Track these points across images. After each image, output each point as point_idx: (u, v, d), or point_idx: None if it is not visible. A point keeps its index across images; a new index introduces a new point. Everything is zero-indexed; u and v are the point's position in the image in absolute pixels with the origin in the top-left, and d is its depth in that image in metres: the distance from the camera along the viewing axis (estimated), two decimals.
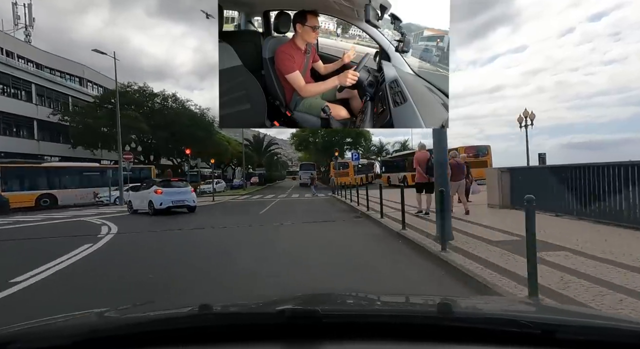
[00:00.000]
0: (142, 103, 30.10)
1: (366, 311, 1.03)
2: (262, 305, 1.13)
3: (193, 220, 11.24)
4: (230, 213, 14.25)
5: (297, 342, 0.75)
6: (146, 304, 1.58)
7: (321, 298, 1.28)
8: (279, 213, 12.99)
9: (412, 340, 0.76)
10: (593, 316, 1.18)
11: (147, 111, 30.28)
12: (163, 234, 8.73)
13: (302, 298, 1.20)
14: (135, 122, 26.09)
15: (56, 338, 0.81)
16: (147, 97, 30.51)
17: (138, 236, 8.65)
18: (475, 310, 1.11)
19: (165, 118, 30.13)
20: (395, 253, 5.60)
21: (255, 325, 0.84)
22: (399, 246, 6.06)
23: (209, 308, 0.95)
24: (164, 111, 31.09)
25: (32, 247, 7.32)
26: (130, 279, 4.36)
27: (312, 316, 0.79)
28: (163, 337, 0.80)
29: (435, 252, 4.91)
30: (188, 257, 5.79)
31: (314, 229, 8.82)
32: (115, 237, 7.98)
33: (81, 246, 6.56)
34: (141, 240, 8.03)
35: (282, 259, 5.40)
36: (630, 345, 0.74)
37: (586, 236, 5.35)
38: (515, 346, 0.73)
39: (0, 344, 0.76)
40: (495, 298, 2.78)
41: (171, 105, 31.82)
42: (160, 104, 31.68)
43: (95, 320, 1.03)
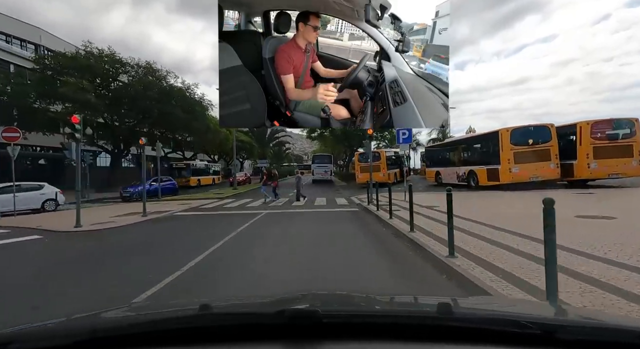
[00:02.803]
0: (98, 71, 21.13)
1: (366, 311, 1.03)
2: (263, 305, 1.12)
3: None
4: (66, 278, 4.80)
5: (297, 342, 0.75)
6: (146, 304, 1.56)
7: (321, 298, 1.28)
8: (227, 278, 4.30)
9: (412, 340, 0.76)
10: (593, 316, 1.18)
11: (104, 82, 22.28)
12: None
13: (303, 298, 1.19)
14: (80, 93, 18.62)
15: (57, 338, 0.81)
16: (105, 63, 21.48)
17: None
18: (475, 310, 1.11)
19: (127, 92, 22.16)
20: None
21: (255, 325, 0.83)
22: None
23: (209, 308, 0.95)
24: (134, 84, 22.45)
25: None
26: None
27: (312, 316, 0.79)
28: (163, 337, 0.80)
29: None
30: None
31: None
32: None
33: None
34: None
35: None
36: (631, 345, 0.74)
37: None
38: (515, 346, 0.72)
39: (1, 344, 0.76)
40: (495, 298, 2.78)
41: (147, 78, 22.93)
42: (130, 75, 23.08)
43: (95, 320, 1.03)
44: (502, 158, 14.11)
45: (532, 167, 13.80)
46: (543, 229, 2.55)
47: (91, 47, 21.33)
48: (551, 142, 13.92)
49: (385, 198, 8.48)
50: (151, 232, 8.30)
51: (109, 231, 8.29)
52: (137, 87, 22.01)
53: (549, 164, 13.83)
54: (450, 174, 18.29)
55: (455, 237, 4.35)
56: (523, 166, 13.84)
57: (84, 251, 6.27)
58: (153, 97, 21.94)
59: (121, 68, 22.36)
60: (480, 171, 15.61)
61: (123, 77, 22.84)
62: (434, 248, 4.78)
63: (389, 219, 7.61)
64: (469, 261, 4.05)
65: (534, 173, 13.89)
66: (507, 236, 5.26)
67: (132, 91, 22.11)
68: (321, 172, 29.26)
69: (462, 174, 17.20)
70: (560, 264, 3.21)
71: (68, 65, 19.85)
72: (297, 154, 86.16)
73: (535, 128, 14.30)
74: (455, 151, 18.64)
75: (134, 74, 22.82)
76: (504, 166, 14.04)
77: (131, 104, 22.40)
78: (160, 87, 23.01)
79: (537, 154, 13.92)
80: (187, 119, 24.08)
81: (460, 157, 17.99)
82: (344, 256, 4.95)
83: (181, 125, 24.67)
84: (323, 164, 30.10)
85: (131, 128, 23.86)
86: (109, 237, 7.59)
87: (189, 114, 24.25)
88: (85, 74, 20.35)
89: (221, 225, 8.60)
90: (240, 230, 7.53)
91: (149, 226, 9.25)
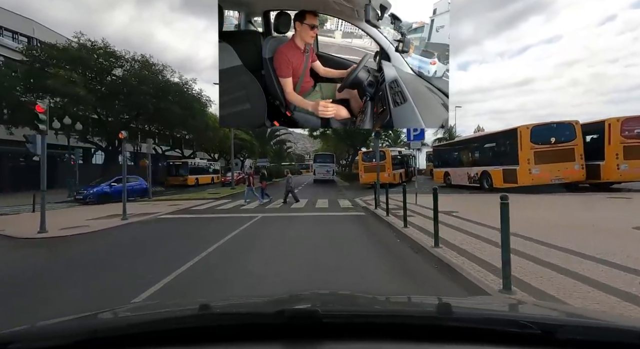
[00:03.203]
0: (90, 64, 19.75)
1: (366, 311, 1.03)
2: (262, 305, 1.13)
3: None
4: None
5: (297, 342, 0.75)
6: (146, 304, 1.57)
7: (321, 297, 1.28)
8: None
9: (412, 340, 0.76)
10: (593, 316, 1.16)
11: (97, 77, 20.78)
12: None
13: (302, 297, 1.20)
14: (70, 86, 17.40)
15: (57, 338, 0.82)
16: (98, 56, 20.17)
17: None
18: (475, 310, 1.11)
19: (121, 87, 20.89)
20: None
21: (255, 325, 0.84)
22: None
23: (209, 308, 0.95)
24: (128, 78, 21.07)
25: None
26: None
27: (312, 316, 0.79)
28: (163, 337, 0.80)
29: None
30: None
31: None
32: None
33: None
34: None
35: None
36: (630, 345, 0.74)
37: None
38: (515, 346, 0.73)
39: (1, 344, 0.76)
40: (495, 298, 2.76)
41: (143, 72, 21.61)
42: (125, 69, 21.72)
43: (95, 320, 1.03)
44: (521, 158, 13.04)
45: (555, 168, 12.72)
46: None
47: (84, 40, 19.94)
48: (575, 141, 12.83)
49: (393, 201, 7.37)
50: (124, 239, 7.16)
51: (76, 238, 7.23)
52: (131, 81, 20.67)
53: (573, 164, 12.75)
54: (461, 175, 17.25)
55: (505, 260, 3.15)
56: (544, 166, 12.76)
57: (35, 264, 5.25)
58: (148, 92, 20.78)
59: (116, 62, 21.07)
60: (495, 171, 14.48)
61: (118, 71, 21.52)
62: (476, 276, 3.57)
63: (403, 227, 6.59)
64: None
65: (556, 175, 12.84)
66: (588, 264, 3.84)
67: (126, 85, 20.71)
68: (323, 172, 28.24)
69: (474, 175, 15.98)
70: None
71: (58, 58, 18.69)
72: (298, 153, 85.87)
73: (558, 125, 13.26)
74: (467, 150, 17.47)
75: (128, 67, 21.56)
76: (523, 166, 12.98)
77: (126, 99, 21.01)
78: (156, 82, 21.65)
79: (560, 153, 12.74)
80: (185, 116, 23.06)
81: (473, 157, 16.78)
82: (355, 280, 3.92)
83: (178, 122, 23.68)
84: (325, 164, 29.04)
85: (125, 124, 22.39)
86: (74, 245, 6.54)
87: (187, 111, 23.18)
88: (77, 66, 19.14)
89: (208, 232, 7.53)
90: (229, 238, 6.57)
91: (125, 231, 8.13)
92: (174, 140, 31.78)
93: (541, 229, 5.81)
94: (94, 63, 19.99)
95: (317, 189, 21.66)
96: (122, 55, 21.16)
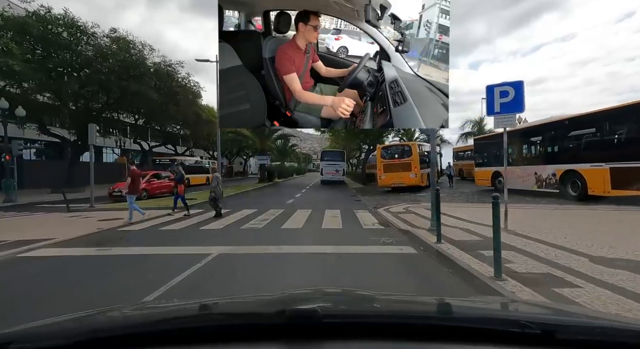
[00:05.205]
0: (37, 34, 15.78)
1: (366, 311, 1.03)
2: (263, 305, 1.13)
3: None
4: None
5: (297, 342, 0.75)
6: (147, 304, 1.57)
7: (321, 297, 1.27)
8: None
9: (412, 340, 0.76)
10: (593, 316, 1.17)
11: (49, 50, 16.66)
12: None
13: (303, 297, 1.19)
14: (5, 56, 14.08)
15: (57, 338, 0.82)
16: (56, 27, 16.37)
17: None
18: (476, 310, 1.11)
19: (69, 62, 17.09)
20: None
21: (255, 325, 0.83)
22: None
23: (209, 308, 0.95)
24: (79, 51, 17.01)
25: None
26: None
27: (313, 316, 0.78)
28: (163, 337, 0.80)
29: None
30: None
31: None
32: None
33: None
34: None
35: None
36: (630, 345, 0.74)
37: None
38: (515, 346, 0.72)
39: (1, 344, 0.76)
40: (495, 298, 2.77)
41: (111, 48, 17.63)
42: (91, 45, 17.58)
43: (96, 320, 1.03)
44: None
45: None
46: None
47: (37, 9, 16.12)
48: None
49: (444, 216, 4.53)
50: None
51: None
52: (88, 55, 16.87)
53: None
54: (524, 176, 12.36)
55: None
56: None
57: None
58: (112, 69, 17.12)
59: (83, 37, 17.29)
60: (590, 171, 9.65)
61: (88, 49, 17.59)
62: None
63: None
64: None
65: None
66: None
67: (83, 60, 16.90)
68: (331, 172, 24.57)
69: (548, 176, 11.34)
70: None
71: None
72: (306, 152, 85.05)
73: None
74: (537, 140, 12.29)
75: (93, 43, 17.66)
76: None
77: (84, 78, 17.17)
78: (123, 59, 17.45)
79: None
80: (165, 104, 19.50)
81: (547, 149, 11.84)
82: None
83: (157, 111, 19.91)
84: (334, 162, 24.95)
85: (88, 112, 18.43)
86: None
87: (167, 98, 19.49)
88: (21, 36, 15.63)
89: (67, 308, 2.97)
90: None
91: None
92: (166, 135, 28.56)
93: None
94: (48, 34, 16.04)
95: (324, 193, 17.81)
96: (93, 31, 17.48)
